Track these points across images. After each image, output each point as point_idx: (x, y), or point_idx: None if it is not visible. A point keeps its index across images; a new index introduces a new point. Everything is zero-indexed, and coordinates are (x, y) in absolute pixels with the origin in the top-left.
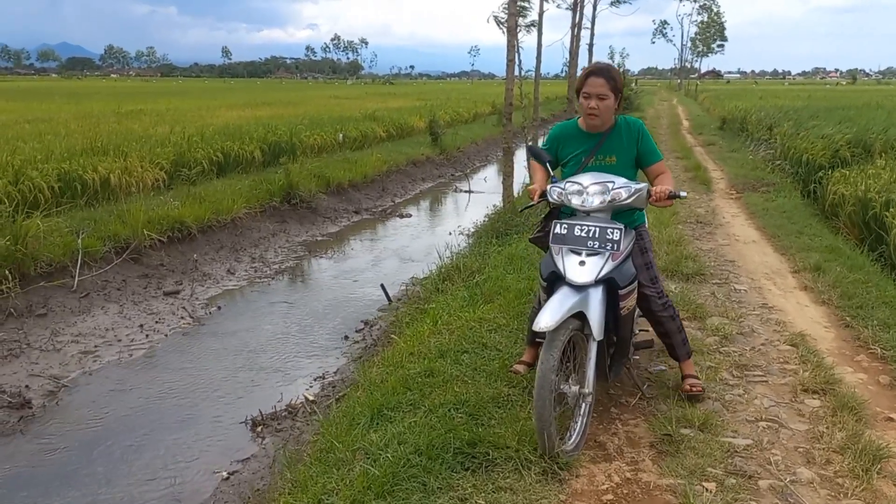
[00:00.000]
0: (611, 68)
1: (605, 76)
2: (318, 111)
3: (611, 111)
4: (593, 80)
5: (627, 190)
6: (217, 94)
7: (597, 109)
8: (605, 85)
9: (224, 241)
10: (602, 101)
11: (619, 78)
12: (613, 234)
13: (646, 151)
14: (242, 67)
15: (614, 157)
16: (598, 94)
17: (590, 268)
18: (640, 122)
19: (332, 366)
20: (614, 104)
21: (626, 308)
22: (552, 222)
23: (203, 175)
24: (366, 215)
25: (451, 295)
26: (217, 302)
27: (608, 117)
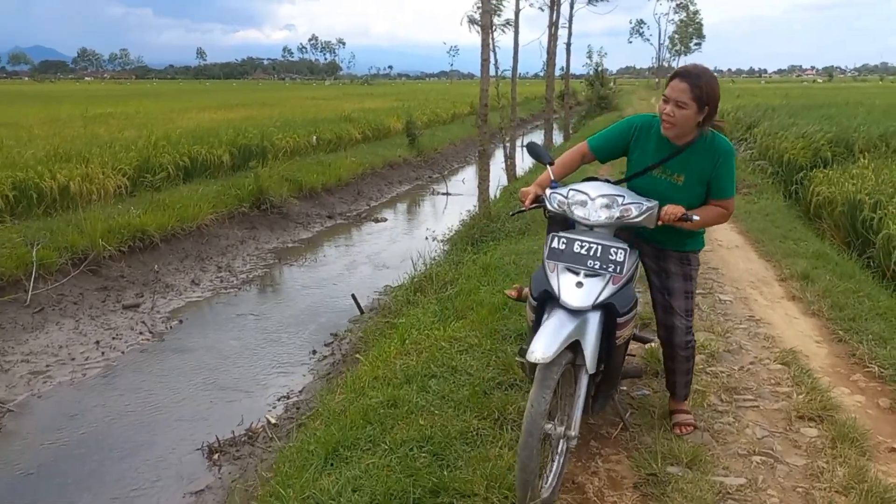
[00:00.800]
0: (702, 74)
1: (690, 81)
2: (293, 113)
3: (689, 123)
4: (676, 83)
5: (638, 207)
6: (191, 95)
7: (672, 117)
8: (688, 92)
9: (189, 250)
10: (680, 110)
11: (711, 87)
12: (617, 255)
13: (719, 183)
14: (218, 69)
15: (683, 177)
16: (677, 101)
17: (588, 290)
18: (729, 149)
19: (298, 384)
20: (696, 116)
21: (622, 338)
22: (549, 235)
23: (169, 181)
24: (340, 220)
25: (423, 308)
26: (179, 315)
27: (686, 129)
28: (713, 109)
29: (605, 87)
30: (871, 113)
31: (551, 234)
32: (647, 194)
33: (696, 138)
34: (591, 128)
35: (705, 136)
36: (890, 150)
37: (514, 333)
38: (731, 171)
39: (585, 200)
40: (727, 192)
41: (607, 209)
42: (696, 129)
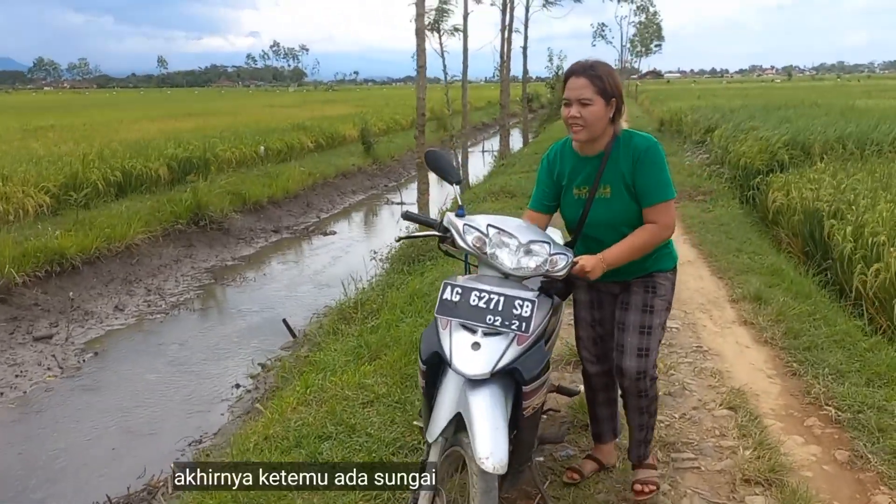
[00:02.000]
0: (596, 65)
1: (588, 74)
2: (247, 122)
3: (601, 121)
4: (573, 81)
5: (564, 259)
6: (147, 105)
7: (579, 118)
8: (589, 86)
9: (115, 273)
10: (585, 108)
11: (611, 77)
12: (523, 308)
13: (643, 186)
14: (182, 77)
15: (609, 188)
16: (580, 99)
17: (486, 354)
18: (646, 141)
19: (214, 424)
20: (606, 111)
21: (530, 408)
22: (442, 283)
23: (100, 197)
24: (286, 234)
25: (342, 343)
26: (97, 346)
27: (598, 128)
28: (620, 100)
29: None
30: (829, 114)
31: (444, 282)
32: (577, 220)
33: (611, 140)
34: (551, 131)
35: (620, 135)
36: (847, 152)
37: None
38: (656, 167)
39: (518, 246)
40: (655, 196)
41: (534, 257)
42: (609, 129)
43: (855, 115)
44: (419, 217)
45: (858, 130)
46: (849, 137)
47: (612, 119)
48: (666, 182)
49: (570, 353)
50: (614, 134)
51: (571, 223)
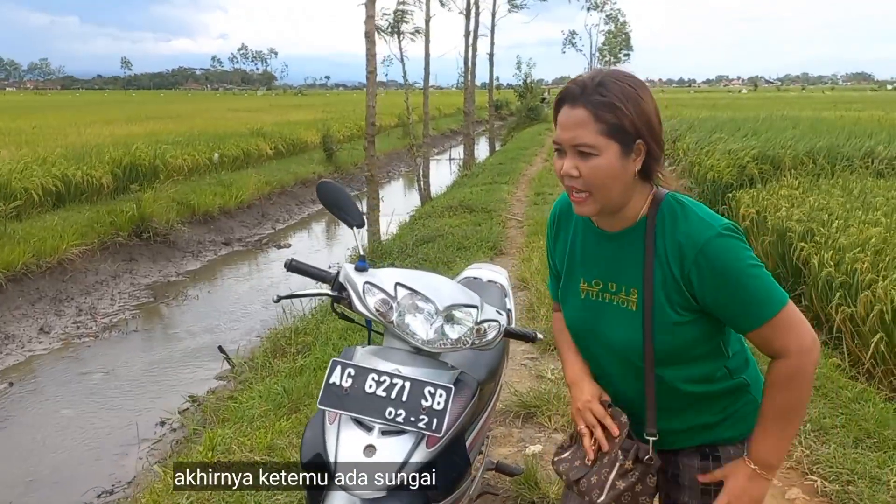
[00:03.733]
0: (607, 81)
1: (591, 102)
2: (206, 126)
3: (616, 182)
4: (565, 113)
5: (496, 328)
6: (109, 107)
7: (578, 178)
8: (590, 122)
9: (44, 290)
10: (587, 161)
11: (634, 102)
12: (436, 399)
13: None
14: (148, 79)
15: (635, 294)
16: (576, 146)
17: (382, 461)
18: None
19: (129, 472)
20: (626, 163)
21: None
22: (331, 361)
23: (34, 207)
24: (237, 247)
25: (267, 383)
26: (11, 375)
27: (613, 194)
28: (654, 139)
29: (534, 98)
30: (797, 126)
31: (333, 360)
32: (582, 334)
33: (648, 209)
34: (519, 140)
35: (662, 202)
36: (818, 167)
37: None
38: (734, 275)
39: (426, 309)
40: (756, 316)
41: (456, 326)
42: (638, 191)
43: (824, 128)
44: (308, 268)
45: (829, 144)
46: (819, 152)
47: (643, 174)
48: (765, 286)
49: (520, 403)
50: (653, 198)
51: (576, 334)
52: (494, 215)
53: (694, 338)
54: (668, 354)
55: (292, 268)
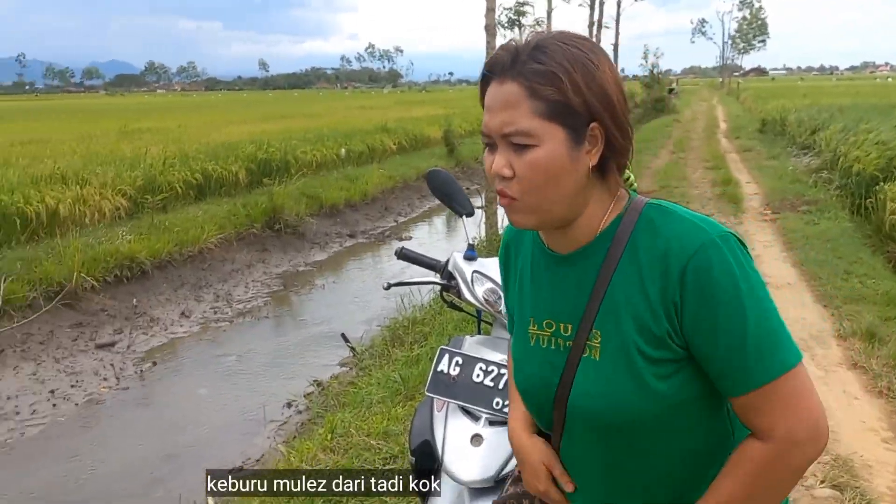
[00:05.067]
0: (543, 48)
1: (522, 74)
2: (334, 123)
3: (562, 181)
4: (493, 89)
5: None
6: (247, 106)
7: (510, 180)
8: (524, 100)
9: (186, 278)
10: (521, 156)
11: (586, 73)
12: None
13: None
14: (283, 79)
15: (598, 338)
16: (509, 135)
17: (489, 451)
18: (699, 234)
19: (258, 449)
20: (576, 157)
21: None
22: (439, 349)
23: (178, 200)
24: (361, 239)
25: (385, 370)
26: (156, 355)
27: (552, 201)
28: (615, 122)
29: (661, 89)
30: None
31: (441, 348)
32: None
33: (604, 224)
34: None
35: (641, 211)
36: None
37: None
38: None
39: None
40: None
41: None
42: (595, 196)
43: None
44: (418, 256)
45: None
46: None
47: (601, 171)
48: (775, 330)
49: None
50: (626, 207)
51: (525, 395)
52: None
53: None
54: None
55: (403, 256)
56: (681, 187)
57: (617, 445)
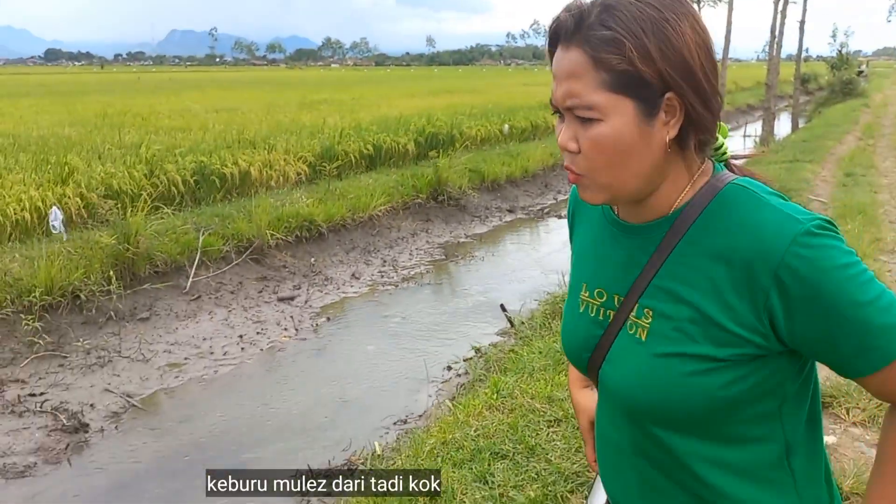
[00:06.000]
0: (611, 9)
1: (587, 41)
2: (498, 99)
3: (631, 159)
4: (559, 56)
5: None
6: (414, 81)
7: (578, 157)
8: (589, 70)
9: (357, 242)
10: (587, 130)
11: (659, 36)
12: None
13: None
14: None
15: (650, 315)
16: (573, 108)
17: None
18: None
19: (420, 406)
20: (644, 133)
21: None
22: None
23: (351, 168)
24: (520, 214)
25: (546, 341)
26: (329, 311)
27: (624, 179)
28: (696, 91)
29: (850, 71)
30: None
31: None
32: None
33: (693, 198)
34: (828, 116)
35: (721, 190)
36: None
37: None
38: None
39: None
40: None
41: None
42: (675, 171)
43: None
44: None
45: None
46: None
47: (682, 145)
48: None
49: None
50: (705, 183)
51: (572, 362)
52: (795, 195)
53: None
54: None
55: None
56: (868, 175)
57: (648, 435)
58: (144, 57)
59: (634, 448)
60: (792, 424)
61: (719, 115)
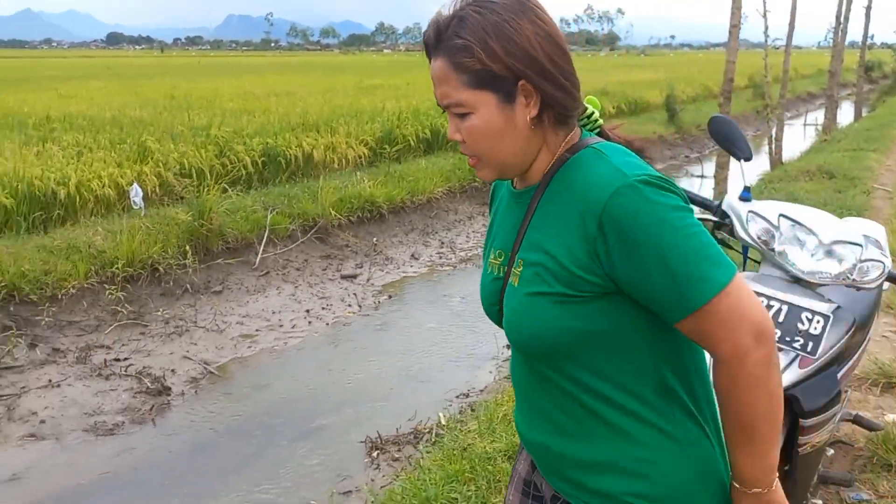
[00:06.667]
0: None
1: (446, 50)
2: None
3: (503, 140)
4: (432, 66)
5: (879, 268)
6: None
7: (465, 145)
8: (452, 75)
9: (415, 223)
10: (463, 122)
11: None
12: (812, 325)
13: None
14: None
15: (520, 266)
16: (449, 106)
17: None
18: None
19: (482, 381)
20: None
21: (808, 445)
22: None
23: (410, 152)
24: None
25: None
26: (390, 290)
27: (501, 157)
28: (544, 76)
29: None
30: None
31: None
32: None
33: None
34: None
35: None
36: None
37: None
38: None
39: (808, 242)
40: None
41: (837, 262)
42: (549, 142)
43: None
44: (693, 196)
45: None
46: None
47: (548, 121)
48: (699, 255)
49: (879, 371)
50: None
51: (490, 316)
52: (858, 183)
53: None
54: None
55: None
56: None
57: (535, 369)
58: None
59: (528, 381)
60: (661, 364)
61: (575, 91)
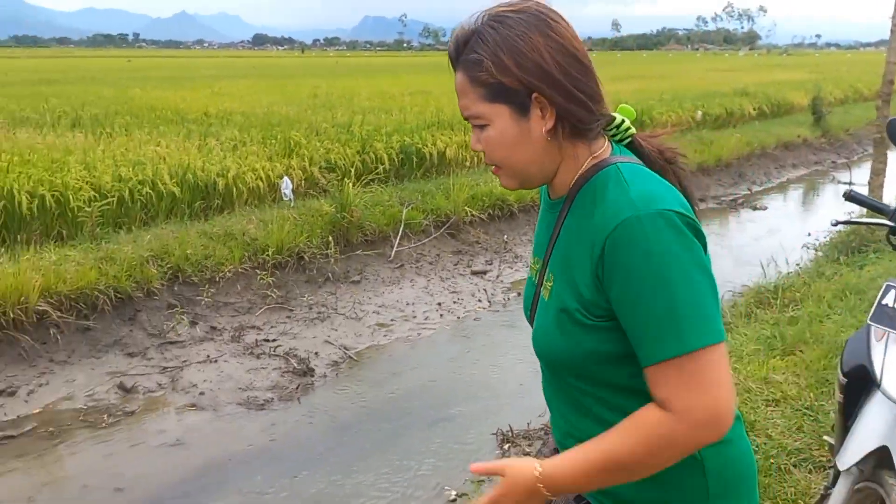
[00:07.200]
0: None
1: (464, 65)
2: (689, 85)
3: (518, 151)
4: (455, 78)
5: None
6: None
7: (487, 155)
8: (469, 88)
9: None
10: (483, 133)
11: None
12: None
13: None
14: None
15: (551, 280)
16: (469, 118)
17: None
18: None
19: None
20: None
21: None
22: (884, 284)
23: None
24: (712, 204)
25: (754, 328)
26: (519, 287)
27: (518, 167)
28: (558, 89)
29: None
30: None
31: (886, 283)
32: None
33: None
34: None
35: (594, 169)
36: None
37: None
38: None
39: None
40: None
41: None
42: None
43: None
44: (867, 200)
45: None
46: None
47: (567, 134)
48: (690, 303)
49: None
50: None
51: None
52: None
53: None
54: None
55: (851, 198)
56: None
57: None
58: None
59: (552, 390)
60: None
61: (592, 104)
